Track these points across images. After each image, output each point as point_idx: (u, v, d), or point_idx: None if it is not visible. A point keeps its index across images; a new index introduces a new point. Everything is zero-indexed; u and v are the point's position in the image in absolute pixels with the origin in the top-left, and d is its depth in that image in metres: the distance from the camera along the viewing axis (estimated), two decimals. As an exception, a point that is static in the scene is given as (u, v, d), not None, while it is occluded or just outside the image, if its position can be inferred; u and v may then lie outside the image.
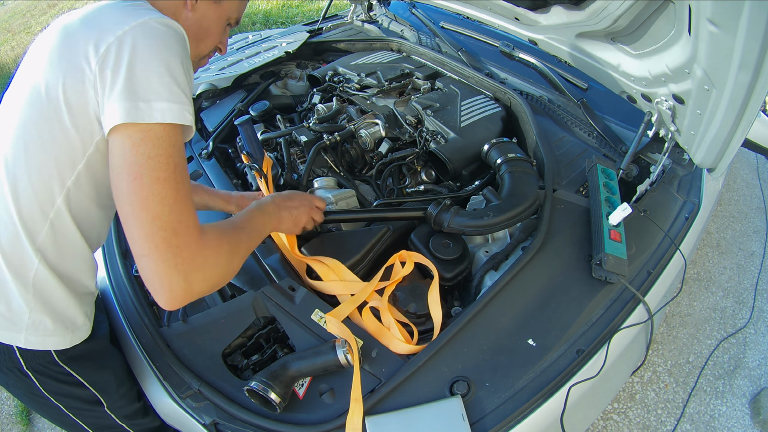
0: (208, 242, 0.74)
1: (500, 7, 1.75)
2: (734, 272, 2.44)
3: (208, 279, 0.74)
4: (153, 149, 0.69)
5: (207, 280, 0.74)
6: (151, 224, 0.67)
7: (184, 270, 0.69)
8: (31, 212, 0.79)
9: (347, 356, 0.93)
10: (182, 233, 0.69)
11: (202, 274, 0.72)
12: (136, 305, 1.19)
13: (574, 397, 0.97)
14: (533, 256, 1.15)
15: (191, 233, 0.71)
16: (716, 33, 0.94)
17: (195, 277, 0.71)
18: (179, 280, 0.69)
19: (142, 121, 0.68)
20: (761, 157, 3.15)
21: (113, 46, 0.71)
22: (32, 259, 0.81)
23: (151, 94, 0.69)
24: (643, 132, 1.42)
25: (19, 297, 0.83)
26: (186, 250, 0.69)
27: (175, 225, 0.69)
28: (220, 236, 0.78)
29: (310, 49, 2.27)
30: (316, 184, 1.47)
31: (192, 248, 0.70)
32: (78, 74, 0.72)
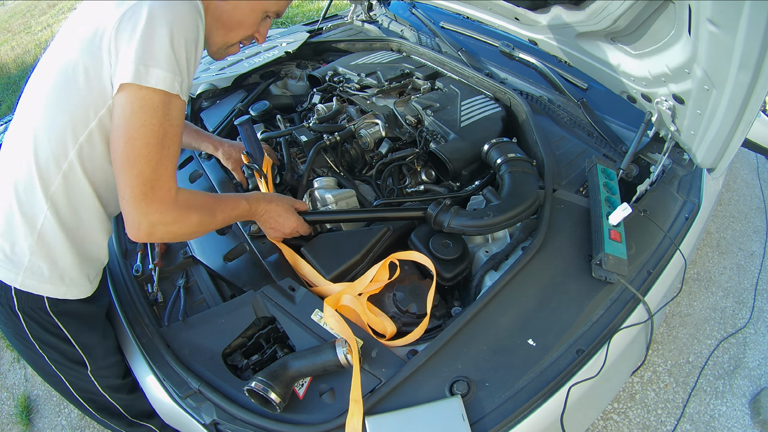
0: (178, 205, 0.87)
1: (500, 7, 1.75)
2: (734, 272, 2.44)
3: (169, 232, 0.87)
4: (148, 118, 0.79)
5: (168, 232, 0.88)
6: (135, 178, 0.80)
7: (151, 219, 0.83)
8: (46, 162, 0.87)
9: (347, 356, 0.93)
10: (158, 190, 0.82)
11: (164, 227, 0.86)
12: (136, 305, 1.19)
13: (574, 397, 0.97)
14: (533, 256, 1.15)
15: (166, 193, 0.84)
16: (716, 33, 0.94)
17: (158, 228, 0.85)
18: (145, 224, 0.83)
19: (140, 83, 0.77)
20: (761, 157, 3.15)
21: (132, 13, 0.78)
22: (42, 206, 0.89)
23: (150, 60, 0.77)
24: (643, 132, 1.42)
25: (23, 240, 0.90)
26: (157, 204, 0.83)
27: (154, 183, 0.81)
28: (191, 206, 0.90)
29: (310, 49, 2.27)
30: (316, 184, 1.47)
31: (163, 204, 0.84)
32: (96, 36, 0.80)
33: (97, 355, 1.10)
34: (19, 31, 6.81)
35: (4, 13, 7.99)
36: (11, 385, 2.11)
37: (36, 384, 2.10)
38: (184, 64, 0.81)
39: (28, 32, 6.65)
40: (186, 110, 1.85)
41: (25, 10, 7.82)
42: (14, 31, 6.87)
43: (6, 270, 0.91)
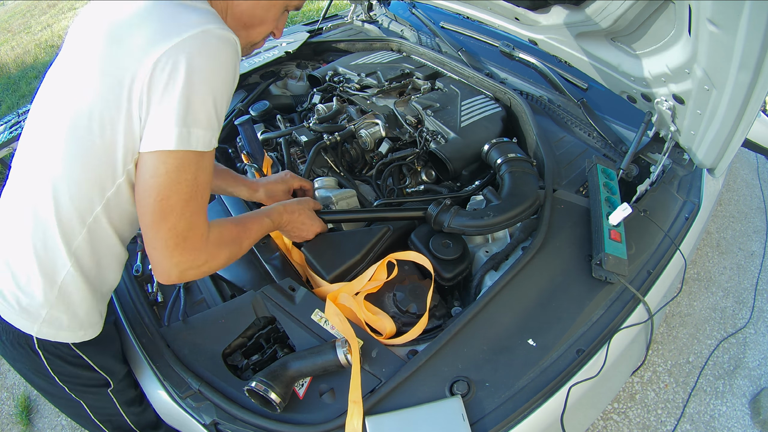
0: (210, 247, 0.83)
1: (500, 7, 1.75)
2: (734, 272, 2.44)
3: (201, 272, 0.85)
4: (183, 174, 0.74)
5: (200, 273, 0.85)
6: (168, 232, 0.76)
7: (183, 266, 0.80)
8: (69, 218, 0.81)
9: (347, 356, 0.93)
10: (190, 239, 0.79)
11: (196, 270, 0.83)
12: (136, 305, 1.19)
13: (574, 397, 0.97)
14: (533, 256, 1.15)
15: (198, 240, 0.80)
16: (716, 33, 0.94)
17: (189, 272, 0.82)
18: (176, 272, 0.80)
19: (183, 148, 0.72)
20: (761, 157, 3.15)
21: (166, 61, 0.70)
22: (65, 262, 0.84)
23: (192, 122, 0.72)
24: (643, 132, 1.43)
25: (42, 294, 0.85)
26: (189, 252, 0.80)
27: (187, 234, 0.78)
28: (221, 244, 0.87)
29: (310, 49, 2.27)
30: (317, 184, 1.47)
31: (195, 252, 0.80)
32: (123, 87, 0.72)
33: (116, 370, 1.08)
34: (19, 31, 6.81)
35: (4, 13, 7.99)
36: (11, 385, 2.11)
37: (36, 384, 2.10)
38: (222, 116, 0.78)
39: (28, 32, 6.65)
40: None
41: (25, 10, 7.82)
42: (14, 31, 6.88)
43: (23, 320, 0.87)
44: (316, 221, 1.19)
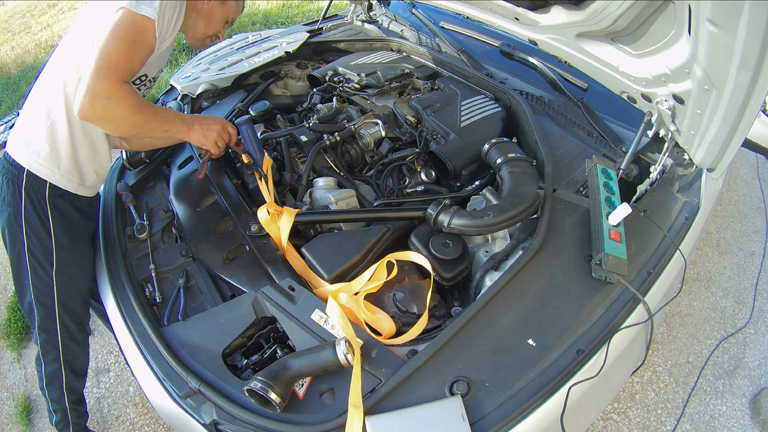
0: (121, 89, 1.08)
1: (500, 7, 1.75)
2: (734, 272, 2.44)
3: (104, 110, 1.07)
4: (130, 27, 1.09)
5: (104, 110, 1.07)
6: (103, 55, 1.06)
7: (95, 91, 1.05)
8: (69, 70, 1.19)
9: (347, 356, 0.92)
10: (110, 73, 1.06)
11: (104, 99, 1.06)
12: (136, 305, 1.19)
13: (574, 397, 0.97)
14: (533, 256, 1.15)
15: (114, 76, 1.07)
16: (716, 33, 0.94)
17: (98, 101, 1.06)
18: (89, 96, 1.05)
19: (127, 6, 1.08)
20: (761, 157, 3.15)
21: None
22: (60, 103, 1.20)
23: None
24: (643, 132, 1.42)
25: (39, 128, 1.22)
26: (104, 82, 1.05)
27: (111, 65, 1.06)
28: (130, 94, 1.11)
29: (310, 49, 2.26)
30: (317, 184, 1.47)
31: (109, 83, 1.06)
32: None
33: (65, 259, 1.31)
34: (19, 31, 6.81)
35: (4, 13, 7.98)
36: (11, 385, 2.11)
37: (36, 384, 2.10)
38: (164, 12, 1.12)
39: (28, 32, 6.64)
40: (186, 108, 1.86)
41: (25, 10, 7.81)
42: (14, 31, 6.87)
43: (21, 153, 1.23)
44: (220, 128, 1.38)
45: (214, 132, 1.36)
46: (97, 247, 1.42)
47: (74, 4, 7.32)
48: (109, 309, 1.25)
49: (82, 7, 6.95)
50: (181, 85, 1.93)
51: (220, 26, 1.36)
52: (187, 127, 1.31)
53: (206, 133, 1.35)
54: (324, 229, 1.39)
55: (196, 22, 1.31)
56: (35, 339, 1.42)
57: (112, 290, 1.27)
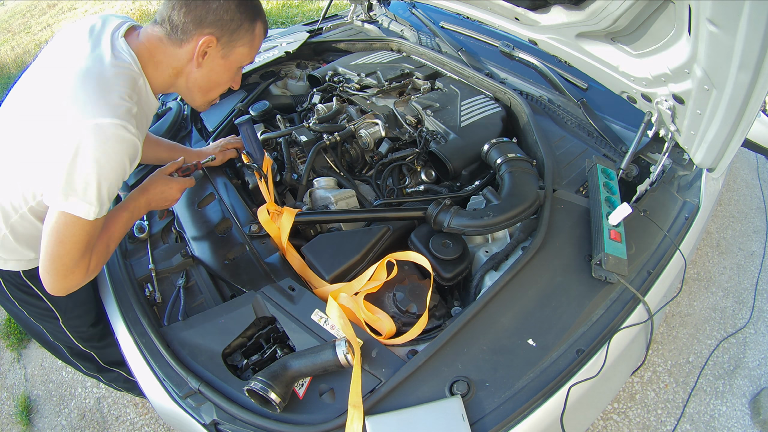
0: (89, 273, 1.00)
1: (500, 7, 1.75)
2: (734, 272, 2.44)
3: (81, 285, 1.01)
4: (70, 230, 0.92)
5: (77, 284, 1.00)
6: (57, 262, 0.94)
7: (65, 286, 0.99)
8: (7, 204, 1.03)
9: (347, 356, 0.92)
10: (75, 273, 0.97)
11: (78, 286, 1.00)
12: (135, 305, 1.19)
13: (574, 397, 0.97)
14: (533, 256, 1.15)
15: (81, 272, 0.98)
16: (716, 33, 0.94)
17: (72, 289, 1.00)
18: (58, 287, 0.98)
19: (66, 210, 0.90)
20: (761, 157, 3.15)
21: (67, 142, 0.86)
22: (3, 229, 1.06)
23: (72, 193, 0.88)
24: (643, 132, 1.42)
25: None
26: (72, 280, 0.98)
27: (74, 269, 0.96)
28: (96, 263, 1.01)
29: (310, 49, 2.26)
30: (317, 184, 1.47)
31: (77, 279, 0.99)
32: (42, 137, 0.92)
33: (66, 307, 1.29)
34: (19, 31, 6.81)
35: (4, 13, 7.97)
36: (11, 385, 2.11)
37: (36, 384, 2.10)
38: (109, 194, 0.93)
39: (28, 32, 6.64)
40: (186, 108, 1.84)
41: (25, 10, 7.81)
42: (14, 31, 6.87)
43: None
44: (172, 183, 1.23)
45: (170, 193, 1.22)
46: None
47: (74, 4, 7.32)
48: (109, 309, 1.25)
49: (82, 7, 6.95)
50: (181, 85, 1.93)
51: (230, 80, 1.08)
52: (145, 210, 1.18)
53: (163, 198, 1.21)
54: (324, 229, 1.39)
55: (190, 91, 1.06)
56: (71, 365, 1.53)
57: (112, 290, 1.27)
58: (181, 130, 1.76)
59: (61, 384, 2.08)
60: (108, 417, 1.94)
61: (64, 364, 2.12)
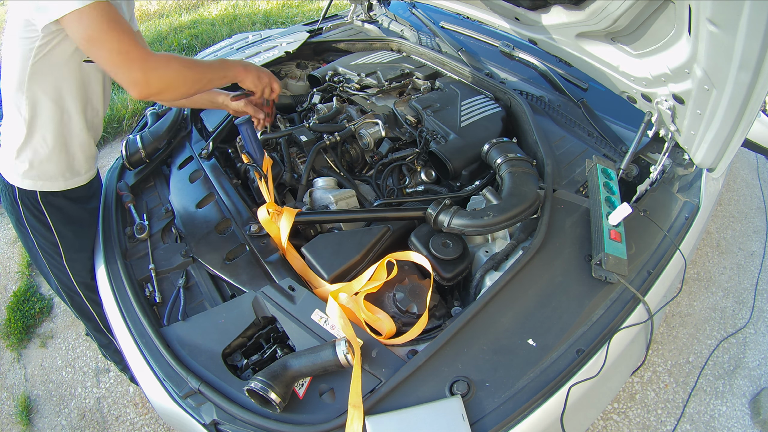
0: (156, 57, 1.06)
1: (500, 7, 1.75)
2: (734, 272, 2.44)
3: (159, 77, 1.06)
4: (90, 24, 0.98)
5: (159, 77, 1.06)
6: (111, 53, 1.01)
7: (142, 69, 1.03)
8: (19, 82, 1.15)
9: (347, 356, 0.92)
10: (132, 52, 1.02)
11: (152, 72, 1.05)
12: (135, 305, 1.19)
13: (574, 397, 0.97)
14: (533, 256, 1.15)
15: (141, 51, 1.03)
16: (716, 33, 0.94)
17: (152, 74, 1.05)
18: (140, 75, 1.03)
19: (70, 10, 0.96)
20: (761, 157, 3.16)
21: None
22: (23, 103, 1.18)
23: None
24: (643, 132, 1.42)
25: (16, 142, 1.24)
26: (139, 59, 1.03)
27: (126, 49, 1.02)
28: (170, 57, 1.10)
29: (310, 49, 2.26)
30: (317, 184, 1.47)
31: (141, 59, 1.03)
32: None
33: (71, 247, 1.42)
34: (19, 31, 6.81)
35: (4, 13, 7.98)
36: (11, 385, 2.11)
37: (36, 384, 2.10)
38: None
39: (28, 32, 6.65)
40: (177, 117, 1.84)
41: (25, 10, 7.82)
42: (14, 31, 6.87)
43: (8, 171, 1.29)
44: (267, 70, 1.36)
45: (266, 76, 1.37)
46: (97, 241, 1.44)
47: (74, 4, 7.31)
48: (109, 309, 1.25)
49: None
50: (181, 85, 1.93)
51: None
52: (244, 69, 1.31)
53: (260, 74, 1.35)
54: (324, 229, 1.39)
55: None
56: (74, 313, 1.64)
57: (112, 290, 1.27)
58: (181, 130, 1.76)
59: (61, 384, 2.08)
60: (108, 417, 1.94)
61: (64, 365, 2.15)
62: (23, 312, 2.35)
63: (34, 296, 2.45)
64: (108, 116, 3.57)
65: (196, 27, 4.98)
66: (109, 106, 3.75)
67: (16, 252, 2.73)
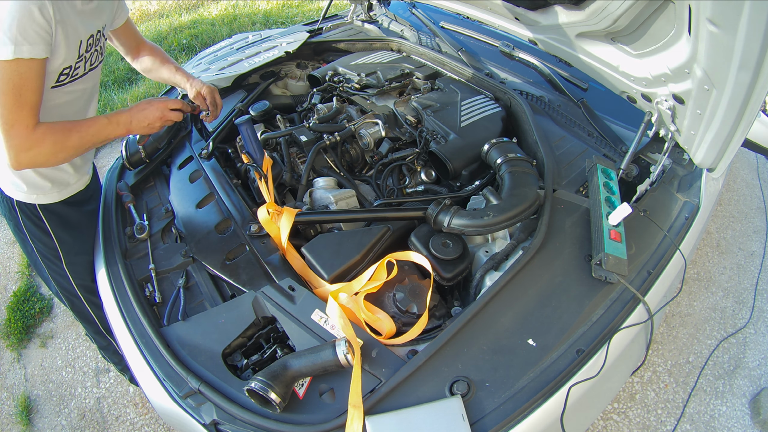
0: (35, 136, 1.09)
1: (500, 7, 1.75)
2: (734, 272, 2.44)
3: (32, 157, 1.11)
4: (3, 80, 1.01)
5: (32, 157, 1.11)
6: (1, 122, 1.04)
7: (15, 149, 1.08)
8: None
9: (347, 356, 0.92)
10: (16, 128, 1.06)
11: (26, 152, 1.09)
12: (135, 305, 1.19)
13: (574, 397, 0.97)
14: (533, 256, 1.15)
15: (22, 129, 1.07)
16: (716, 33, 0.94)
17: (21, 154, 1.09)
18: (12, 154, 1.09)
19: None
20: (761, 157, 3.16)
21: None
22: None
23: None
24: (643, 132, 1.42)
25: None
26: (16, 138, 1.07)
27: (13, 122, 1.05)
28: (47, 134, 1.11)
29: (310, 49, 2.26)
30: (317, 184, 1.47)
31: (21, 137, 1.07)
32: None
33: (71, 250, 1.43)
34: (19, 31, 6.81)
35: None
36: (11, 385, 2.11)
37: (36, 384, 2.10)
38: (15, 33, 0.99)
39: (28, 32, 6.65)
40: None
41: (25, 10, 7.81)
42: (14, 31, 6.87)
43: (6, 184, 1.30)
44: (155, 103, 1.32)
45: (151, 114, 1.30)
46: (97, 241, 1.44)
47: (74, 4, 7.31)
48: (109, 309, 1.25)
49: (82, 7, 6.93)
50: (181, 85, 1.93)
51: None
52: (124, 126, 1.27)
53: (144, 118, 1.29)
54: (324, 229, 1.39)
55: None
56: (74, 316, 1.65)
57: (112, 290, 1.27)
58: (181, 130, 1.76)
59: (61, 384, 2.08)
60: (108, 417, 1.94)
61: (64, 365, 2.15)
62: (23, 312, 2.35)
63: (34, 296, 2.45)
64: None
65: (196, 27, 4.98)
66: (109, 107, 3.75)
67: (16, 252, 2.73)
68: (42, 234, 1.38)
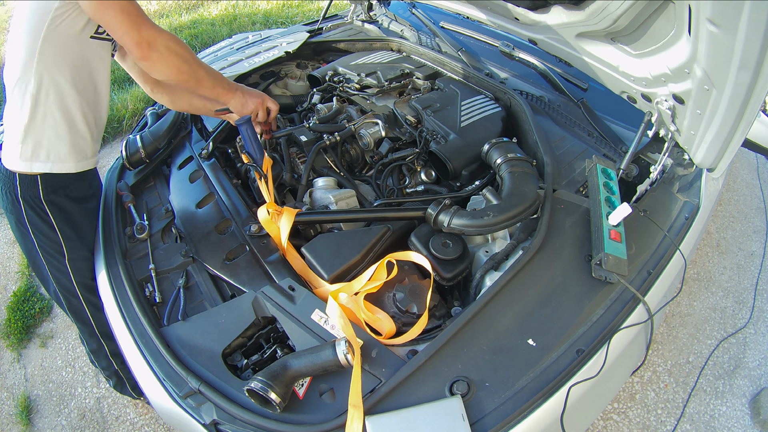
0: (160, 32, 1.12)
1: (500, 7, 1.75)
2: (734, 272, 2.44)
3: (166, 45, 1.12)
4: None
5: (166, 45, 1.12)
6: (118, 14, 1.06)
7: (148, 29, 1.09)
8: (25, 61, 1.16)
9: (347, 356, 0.92)
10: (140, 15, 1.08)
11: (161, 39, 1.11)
12: (135, 305, 1.19)
13: (574, 397, 0.97)
14: (533, 256, 1.15)
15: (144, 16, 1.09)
16: (716, 33, 0.94)
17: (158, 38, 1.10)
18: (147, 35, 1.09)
19: None
20: (761, 157, 3.16)
21: None
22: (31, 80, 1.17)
23: None
24: (643, 132, 1.42)
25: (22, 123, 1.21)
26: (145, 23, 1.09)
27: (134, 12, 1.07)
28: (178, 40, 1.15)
29: (310, 49, 2.26)
30: (316, 184, 1.47)
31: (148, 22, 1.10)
32: None
33: (74, 246, 1.40)
34: (19, 31, 6.81)
35: (4, 13, 7.97)
36: (11, 385, 2.11)
37: (36, 384, 2.10)
38: None
39: (28, 32, 6.65)
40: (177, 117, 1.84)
41: (25, 10, 7.81)
42: (14, 31, 6.86)
43: (8, 159, 1.25)
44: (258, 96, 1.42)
45: (252, 104, 1.41)
46: (97, 241, 1.44)
47: (74, 4, 7.31)
48: (109, 309, 1.25)
49: (82, 7, 6.93)
50: (181, 85, 1.93)
51: None
52: (230, 92, 1.35)
53: (245, 101, 1.39)
54: (324, 229, 1.40)
55: None
56: (69, 317, 1.59)
57: (112, 290, 1.27)
58: (181, 130, 1.76)
59: (61, 384, 2.08)
60: (108, 417, 1.94)
61: (64, 365, 2.15)
62: (23, 312, 2.35)
63: (34, 296, 2.45)
64: (108, 117, 3.56)
65: (196, 27, 4.98)
66: (109, 107, 3.75)
67: (16, 252, 2.73)
68: (46, 228, 1.35)
